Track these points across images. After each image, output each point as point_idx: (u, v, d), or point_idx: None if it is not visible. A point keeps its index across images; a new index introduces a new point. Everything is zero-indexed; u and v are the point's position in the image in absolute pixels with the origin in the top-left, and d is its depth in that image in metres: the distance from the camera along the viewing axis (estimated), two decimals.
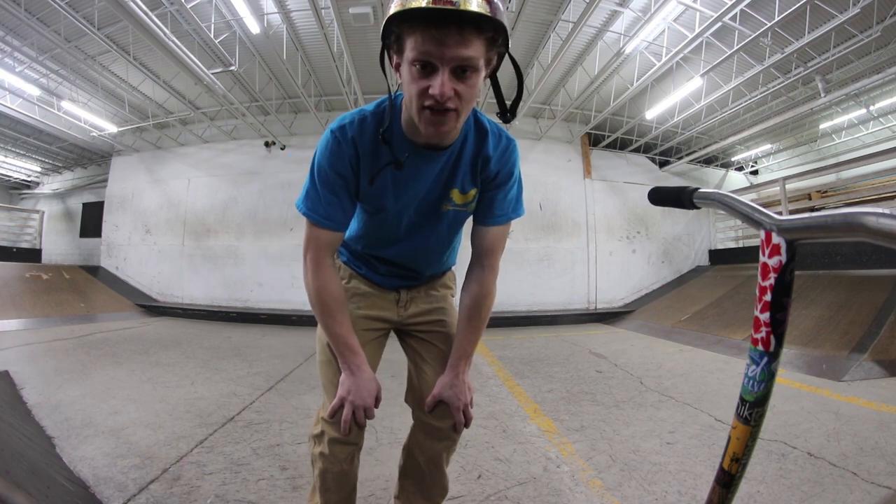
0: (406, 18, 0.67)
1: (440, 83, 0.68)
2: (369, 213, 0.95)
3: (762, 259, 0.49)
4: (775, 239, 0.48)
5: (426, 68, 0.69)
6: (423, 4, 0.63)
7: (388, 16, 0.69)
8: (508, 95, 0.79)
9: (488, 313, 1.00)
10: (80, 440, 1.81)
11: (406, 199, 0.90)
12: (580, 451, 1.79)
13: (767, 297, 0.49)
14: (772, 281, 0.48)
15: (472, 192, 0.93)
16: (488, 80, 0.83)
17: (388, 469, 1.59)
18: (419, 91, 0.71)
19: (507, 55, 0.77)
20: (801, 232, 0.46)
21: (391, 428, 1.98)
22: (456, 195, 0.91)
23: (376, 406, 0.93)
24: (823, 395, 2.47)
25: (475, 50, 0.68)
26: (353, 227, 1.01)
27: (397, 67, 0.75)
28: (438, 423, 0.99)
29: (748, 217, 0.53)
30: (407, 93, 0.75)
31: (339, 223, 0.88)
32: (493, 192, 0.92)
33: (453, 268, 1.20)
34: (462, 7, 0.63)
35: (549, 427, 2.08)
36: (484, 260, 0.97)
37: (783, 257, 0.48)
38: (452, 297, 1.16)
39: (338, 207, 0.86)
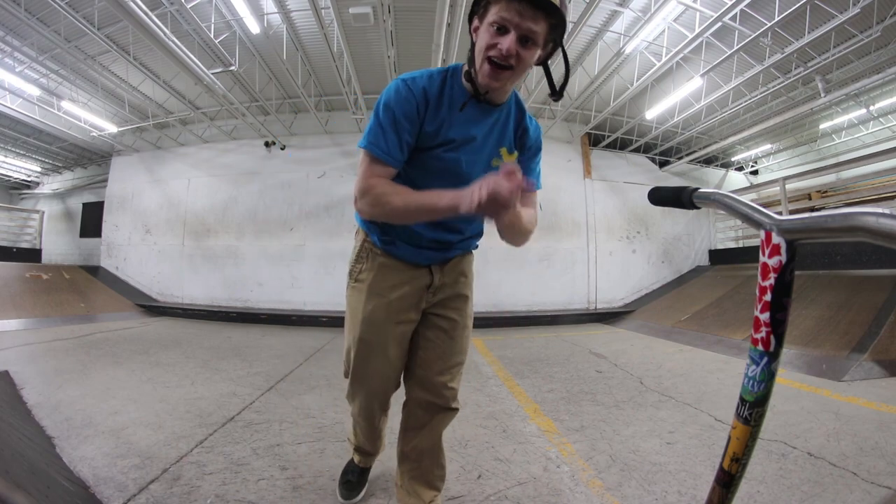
0: None
1: (509, 41, 0.85)
2: (436, 152, 1.00)
3: (762, 259, 0.49)
4: (775, 239, 0.48)
5: (500, 30, 0.86)
6: None
7: None
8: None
9: (529, 230, 1.04)
10: (80, 440, 1.81)
11: (465, 142, 1.00)
12: (580, 451, 1.79)
13: (767, 297, 0.49)
14: (772, 281, 0.48)
15: (515, 154, 1.06)
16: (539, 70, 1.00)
17: (390, 469, 1.59)
18: (490, 45, 0.87)
19: (560, 47, 0.94)
20: (800, 232, 0.46)
21: (392, 428, 1.98)
22: (504, 153, 1.05)
23: None
24: (823, 395, 2.47)
25: (541, 27, 0.86)
26: (412, 181, 1.02)
27: (475, 31, 0.92)
28: (431, 394, 1.15)
29: (748, 217, 0.53)
30: (479, 47, 0.90)
31: (397, 160, 0.95)
32: (528, 161, 1.08)
33: (474, 252, 1.26)
34: None
35: (549, 427, 2.08)
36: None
37: (783, 257, 0.47)
38: (470, 286, 1.24)
39: (397, 146, 0.94)
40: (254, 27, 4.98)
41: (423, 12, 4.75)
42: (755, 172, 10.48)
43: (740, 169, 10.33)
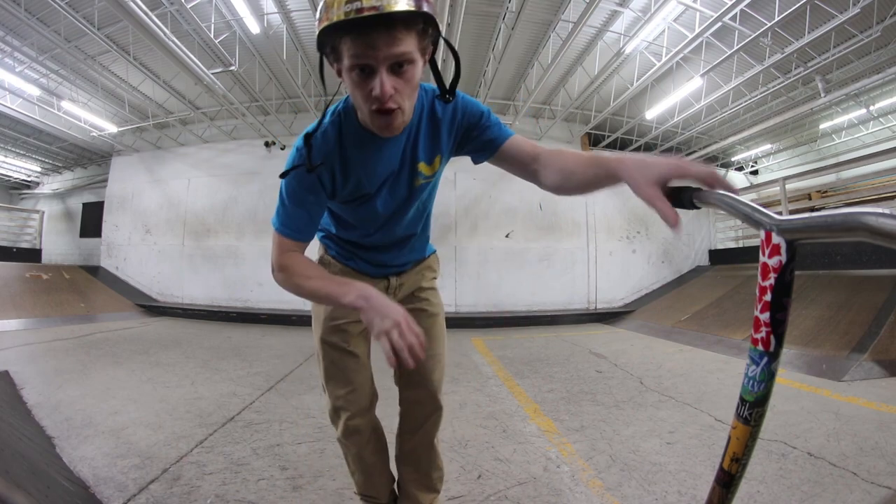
0: (336, 29, 0.67)
1: (380, 83, 0.70)
2: (351, 206, 0.98)
3: (762, 259, 0.49)
4: (775, 239, 0.48)
5: (365, 71, 0.71)
6: (346, 13, 0.64)
7: (318, 30, 0.70)
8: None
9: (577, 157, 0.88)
10: (80, 440, 1.81)
11: (380, 182, 0.94)
12: (580, 451, 1.79)
13: (767, 298, 0.48)
14: (772, 281, 0.48)
15: (437, 158, 0.96)
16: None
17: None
18: (364, 95, 0.73)
19: (442, 39, 0.78)
20: (801, 232, 0.46)
21: (391, 428, 1.98)
22: (423, 167, 0.95)
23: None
24: (823, 395, 2.47)
25: (408, 45, 0.70)
26: (339, 221, 1.06)
27: (339, 73, 0.77)
28: (416, 390, 1.13)
29: (748, 217, 0.52)
30: (354, 98, 0.78)
31: (308, 235, 0.93)
32: (478, 131, 0.94)
33: (436, 252, 1.25)
34: (386, 9, 0.63)
35: (549, 427, 2.08)
36: (538, 159, 0.90)
37: (783, 257, 0.47)
38: (435, 279, 1.22)
39: (307, 222, 0.91)
40: (254, 27, 4.98)
41: None
42: (755, 172, 10.48)
43: (740, 169, 10.33)
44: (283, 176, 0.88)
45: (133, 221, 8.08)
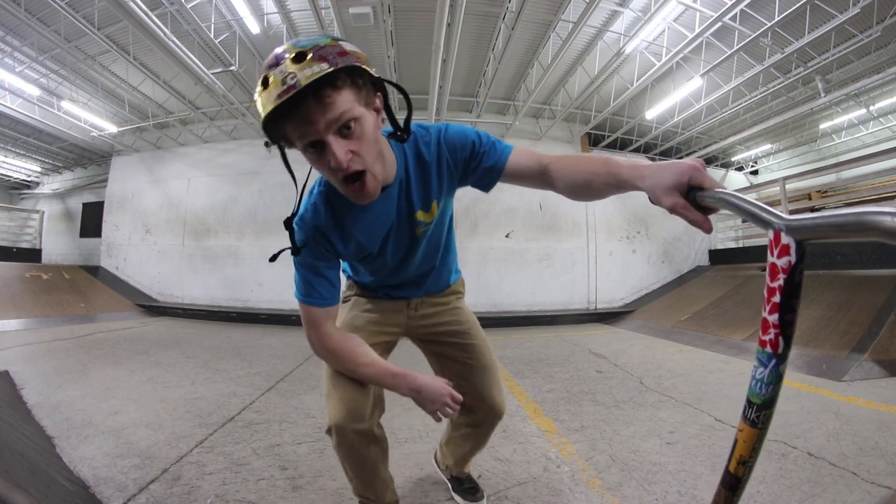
0: (273, 120, 0.68)
1: (333, 154, 0.70)
2: (360, 262, 1.03)
3: (770, 259, 0.48)
4: (784, 239, 0.47)
5: (317, 146, 0.71)
6: (272, 102, 0.64)
7: (262, 126, 0.70)
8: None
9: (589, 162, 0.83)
10: (80, 440, 1.81)
11: (381, 239, 0.96)
12: (580, 451, 1.79)
13: (776, 299, 0.47)
14: (781, 282, 0.47)
15: (434, 203, 0.95)
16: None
17: (390, 470, 1.58)
18: (326, 170, 0.74)
19: (382, 81, 0.77)
20: (810, 232, 0.45)
21: (391, 428, 1.98)
22: (421, 215, 0.94)
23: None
24: (823, 395, 2.47)
25: (343, 104, 0.68)
26: (354, 269, 1.12)
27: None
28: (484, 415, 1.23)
29: (755, 217, 0.51)
30: (322, 174, 0.79)
31: (333, 297, 0.94)
32: (476, 161, 0.91)
33: (462, 276, 1.27)
34: (303, 83, 0.63)
35: (549, 427, 2.08)
36: (548, 169, 0.86)
37: (792, 258, 0.46)
38: (461, 299, 1.25)
39: (324, 284, 0.92)
40: (254, 27, 4.98)
41: (423, 12, 4.75)
42: (755, 172, 10.49)
43: (740, 169, 10.34)
44: (294, 254, 0.90)
45: (133, 221, 8.08)
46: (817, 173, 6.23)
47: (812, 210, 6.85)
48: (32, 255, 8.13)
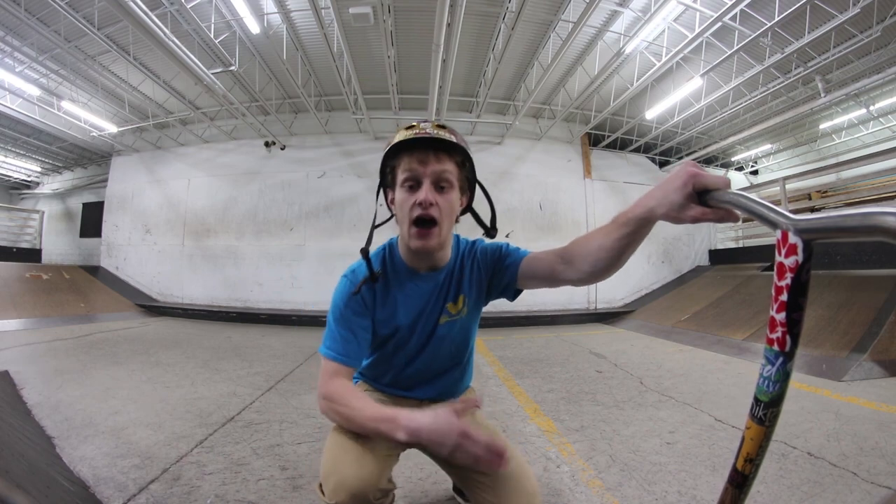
0: (396, 152, 0.90)
1: (425, 191, 0.87)
2: (385, 340, 1.02)
3: (778, 259, 0.48)
4: (792, 239, 0.47)
5: (413, 186, 0.89)
6: (406, 136, 0.88)
7: (384, 153, 0.92)
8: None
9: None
10: (80, 440, 1.81)
11: (413, 316, 1.00)
12: (580, 451, 1.79)
13: (784, 297, 0.48)
14: (788, 281, 0.47)
15: (461, 297, 1.02)
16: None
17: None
18: (410, 205, 0.88)
19: (477, 184, 0.99)
20: (818, 232, 0.45)
21: None
22: (450, 306, 1.02)
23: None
24: (823, 395, 2.47)
25: (449, 167, 0.89)
26: (372, 361, 1.09)
27: (392, 201, 0.95)
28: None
29: (764, 216, 0.51)
30: (400, 214, 0.92)
31: (356, 358, 0.95)
32: (500, 263, 1.02)
33: (471, 384, 1.23)
34: (436, 136, 0.87)
35: (549, 427, 2.08)
36: (563, 256, 0.90)
37: (800, 257, 0.47)
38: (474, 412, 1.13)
39: (354, 345, 0.94)
40: (254, 27, 4.98)
41: (423, 12, 4.75)
42: (755, 172, 10.49)
43: (740, 169, 10.34)
44: (334, 307, 0.97)
45: (133, 221, 8.08)
46: (817, 173, 6.23)
47: (812, 210, 6.86)
48: (32, 255, 8.14)
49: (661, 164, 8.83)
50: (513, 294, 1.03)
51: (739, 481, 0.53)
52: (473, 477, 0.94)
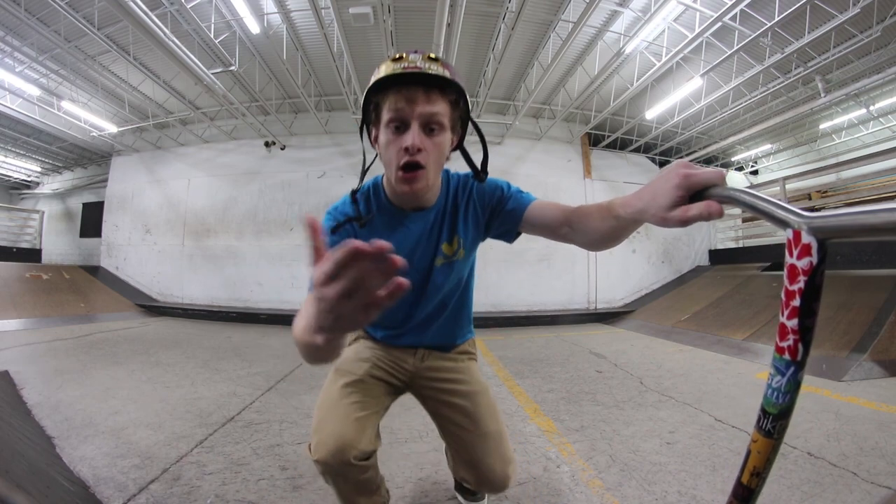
0: (381, 87, 0.79)
1: (412, 135, 0.78)
2: None
3: (789, 260, 0.44)
4: (805, 238, 0.43)
5: (400, 128, 0.79)
6: (393, 70, 0.76)
7: (367, 89, 0.81)
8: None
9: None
10: (80, 440, 1.81)
11: (406, 255, 0.92)
12: (580, 451, 1.79)
13: (796, 303, 0.43)
14: (801, 284, 0.43)
15: (456, 238, 0.97)
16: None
17: (389, 470, 1.59)
18: (396, 150, 0.80)
19: (470, 122, 0.88)
20: (834, 231, 0.41)
21: (391, 428, 1.99)
22: (445, 247, 0.97)
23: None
24: (823, 395, 2.47)
25: (440, 107, 0.79)
26: None
27: (376, 139, 0.85)
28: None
29: (772, 215, 0.48)
30: (385, 156, 0.84)
31: None
32: (501, 205, 0.95)
33: (473, 337, 1.20)
34: (427, 71, 0.75)
35: (549, 427, 2.08)
36: (569, 222, 0.84)
37: (814, 258, 0.42)
38: (472, 360, 1.16)
39: None
40: (254, 27, 4.98)
41: (423, 12, 4.75)
42: (755, 172, 10.49)
43: (740, 169, 10.34)
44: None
45: (133, 221, 8.08)
46: (817, 173, 6.23)
47: (812, 210, 6.85)
48: (32, 255, 8.14)
49: (661, 164, 8.83)
50: (512, 237, 0.98)
51: (745, 496, 0.49)
52: (456, 433, 1.03)
